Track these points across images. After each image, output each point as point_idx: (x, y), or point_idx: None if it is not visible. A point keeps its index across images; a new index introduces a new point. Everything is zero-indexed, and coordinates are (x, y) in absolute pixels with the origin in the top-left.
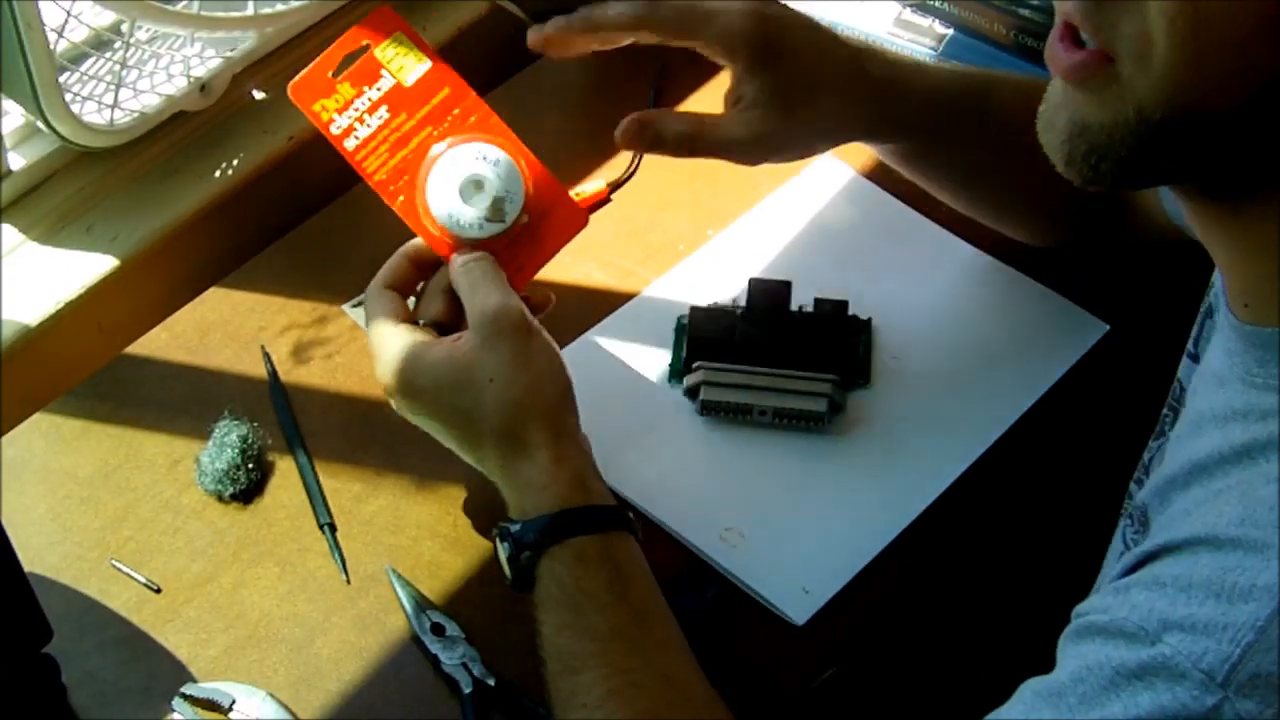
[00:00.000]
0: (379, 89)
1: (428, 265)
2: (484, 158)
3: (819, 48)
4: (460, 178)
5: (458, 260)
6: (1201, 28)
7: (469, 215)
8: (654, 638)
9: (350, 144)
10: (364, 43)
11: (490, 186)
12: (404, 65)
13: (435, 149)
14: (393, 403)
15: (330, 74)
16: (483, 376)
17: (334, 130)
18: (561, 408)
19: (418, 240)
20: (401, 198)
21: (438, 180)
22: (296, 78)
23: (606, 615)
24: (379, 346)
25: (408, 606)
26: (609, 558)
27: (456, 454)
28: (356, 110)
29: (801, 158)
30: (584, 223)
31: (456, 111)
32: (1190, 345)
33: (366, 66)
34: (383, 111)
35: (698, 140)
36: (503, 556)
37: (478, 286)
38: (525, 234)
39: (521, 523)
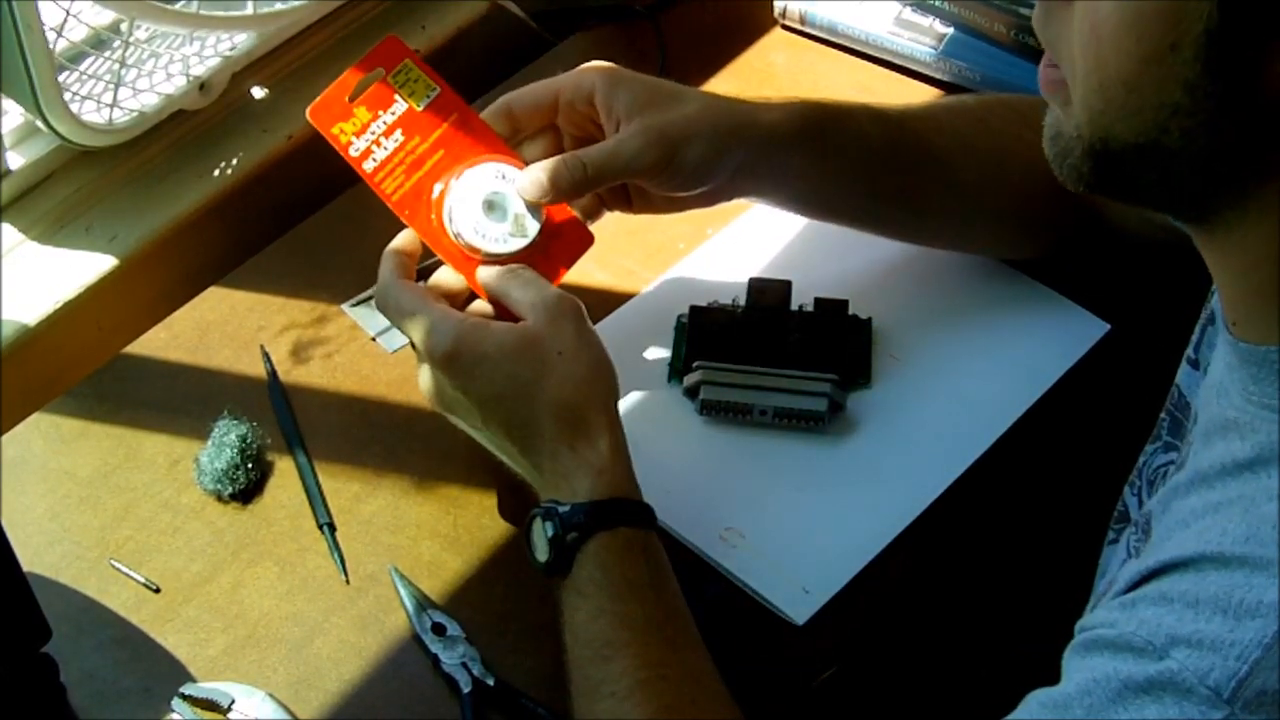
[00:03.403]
0: (393, 113)
1: (417, 255)
2: (503, 176)
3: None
4: (482, 195)
5: (495, 270)
6: (1100, 65)
7: (495, 231)
8: (683, 635)
9: (369, 166)
10: (377, 69)
11: (511, 204)
12: (415, 91)
13: (452, 169)
14: (432, 376)
15: (347, 98)
16: (552, 348)
17: (353, 153)
18: (615, 398)
19: (400, 238)
20: (419, 218)
21: (460, 198)
22: (315, 101)
23: (644, 607)
24: (432, 319)
25: (409, 605)
26: (650, 552)
27: (488, 435)
28: (373, 133)
29: (710, 178)
30: (591, 242)
31: (466, 136)
32: (1190, 351)
33: (381, 92)
34: (398, 135)
35: (604, 170)
36: (543, 537)
37: (531, 283)
38: (537, 253)
39: (570, 504)
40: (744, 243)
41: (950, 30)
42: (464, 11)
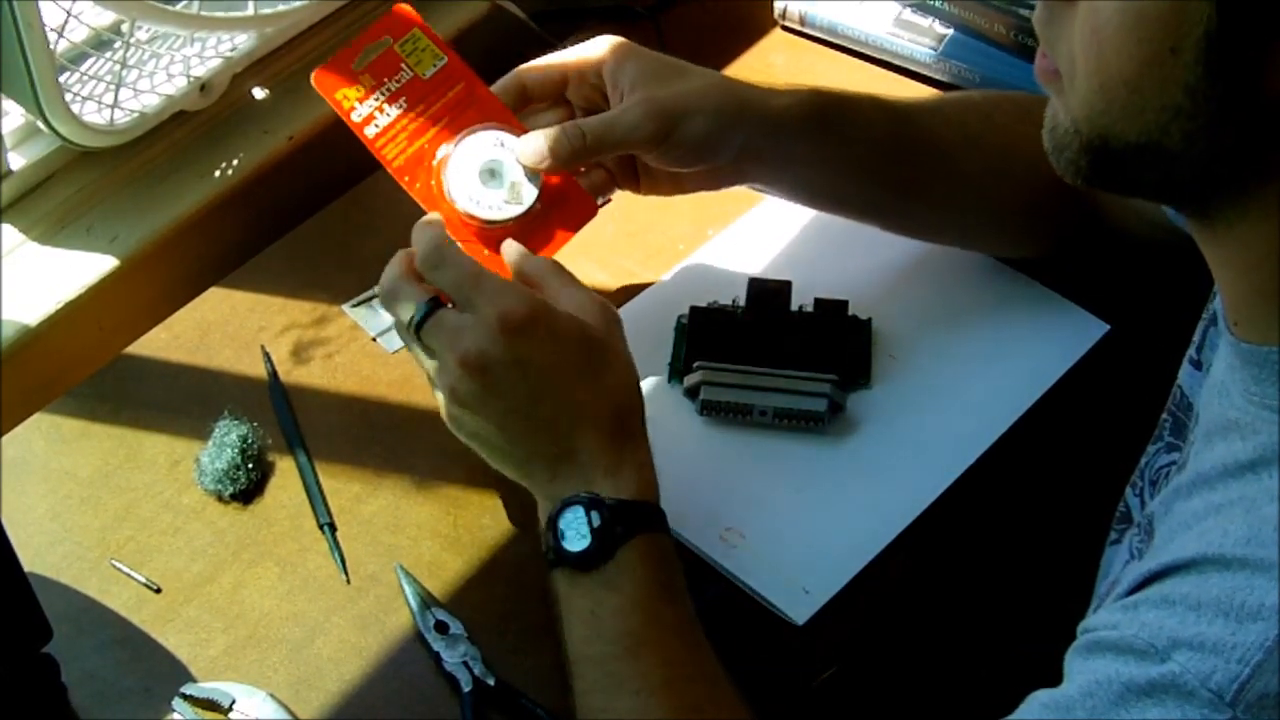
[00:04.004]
0: (398, 81)
1: None
2: (501, 144)
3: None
4: (480, 162)
5: (533, 259)
6: (1102, 66)
7: (491, 198)
8: (701, 638)
9: (370, 131)
10: (384, 38)
11: (509, 170)
12: (422, 60)
13: (455, 136)
14: (482, 332)
15: (353, 65)
16: (610, 349)
17: (355, 118)
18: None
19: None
20: (419, 184)
21: (458, 165)
22: (320, 66)
23: (675, 608)
24: (501, 282)
25: (413, 604)
26: (673, 558)
27: (517, 416)
28: (377, 100)
29: (711, 156)
30: (594, 211)
31: (471, 105)
32: (1193, 352)
33: (387, 59)
34: (402, 102)
35: (603, 140)
36: (584, 525)
37: (574, 281)
38: (538, 221)
39: (617, 499)
40: (744, 243)
41: (950, 31)
42: (464, 12)
